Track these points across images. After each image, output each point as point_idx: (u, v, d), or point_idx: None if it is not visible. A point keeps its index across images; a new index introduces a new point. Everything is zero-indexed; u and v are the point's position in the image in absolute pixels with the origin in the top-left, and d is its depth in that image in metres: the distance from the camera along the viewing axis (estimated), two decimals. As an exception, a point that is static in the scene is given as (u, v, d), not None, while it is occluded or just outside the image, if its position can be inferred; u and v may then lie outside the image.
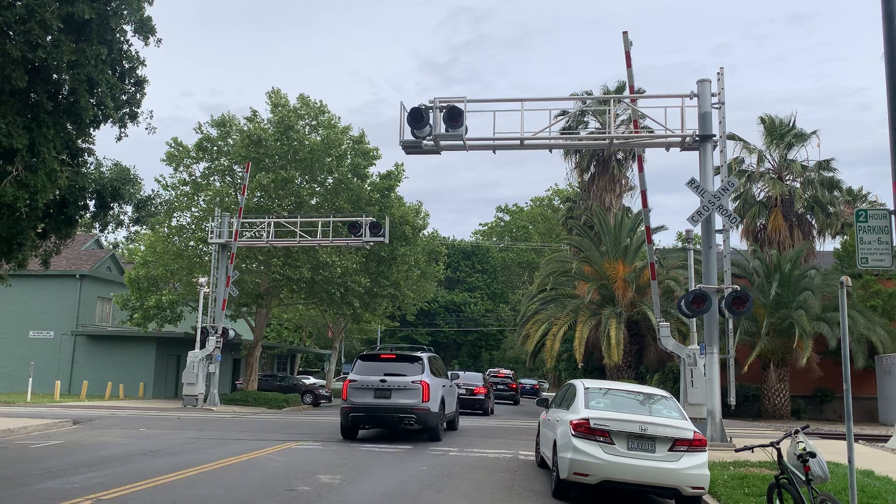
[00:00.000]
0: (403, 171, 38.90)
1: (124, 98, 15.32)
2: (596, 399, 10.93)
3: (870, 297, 31.58)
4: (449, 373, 21.73)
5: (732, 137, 35.11)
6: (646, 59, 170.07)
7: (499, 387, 39.26)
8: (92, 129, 15.43)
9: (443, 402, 18.36)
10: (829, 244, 38.07)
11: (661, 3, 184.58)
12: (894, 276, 30.82)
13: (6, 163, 13.42)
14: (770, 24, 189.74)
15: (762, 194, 37.07)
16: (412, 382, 17.44)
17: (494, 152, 19.96)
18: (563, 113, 37.56)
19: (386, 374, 17.54)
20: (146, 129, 15.90)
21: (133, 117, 15.66)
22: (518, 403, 42.08)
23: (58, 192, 15.13)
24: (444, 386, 18.95)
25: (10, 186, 13.28)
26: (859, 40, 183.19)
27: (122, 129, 15.47)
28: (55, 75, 14.01)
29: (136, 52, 15.39)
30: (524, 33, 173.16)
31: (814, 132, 36.46)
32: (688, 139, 18.48)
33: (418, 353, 18.57)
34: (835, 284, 25.87)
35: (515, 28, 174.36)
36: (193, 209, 36.66)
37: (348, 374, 19.04)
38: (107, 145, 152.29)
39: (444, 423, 18.89)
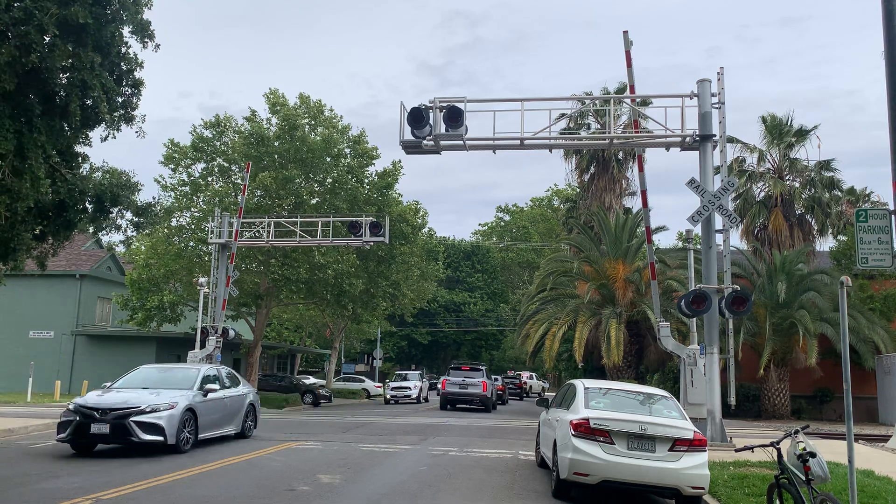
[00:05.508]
0: (401, 167, 38.37)
1: (120, 100, 15.25)
2: (596, 399, 10.92)
3: (866, 299, 31.54)
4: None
5: (732, 140, 35.09)
6: (640, 61, 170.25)
7: (510, 385, 51.43)
8: (89, 132, 15.37)
9: (492, 392, 33.73)
10: (829, 244, 38.08)
11: (655, 6, 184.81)
12: (891, 277, 30.78)
13: None
14: (762, 27, 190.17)
15: (762, 194, 37.05)
16: (478, 381, 32.57)
17: (494, 152, 19.95)
18: (563, 115, 37.59)
19: (464, 377, 32.86)
20: (136, 132, 15.84)
21: (129, 120, 15.60)
22: (522, 399, 52.53)
23: (57, 196, 15.05)
24: (492, 383, 34.56)
25: None
26: (852, 43, 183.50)
27: (117, 131, 15.41)
28: (49, 79, 13.93)
29: (135, 55, 15.34)
30: (520, 36, 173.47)
31: (815, 127, 36.58)
32: (688, 139, 18.46)
33: (480, 366, 34.31)
34: (834, 285, 25.86)
35: (511, 31, 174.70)
36: (193, 209, 36.59)
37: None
38: (108, 147, 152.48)
39: (493, 405, 33.70)
